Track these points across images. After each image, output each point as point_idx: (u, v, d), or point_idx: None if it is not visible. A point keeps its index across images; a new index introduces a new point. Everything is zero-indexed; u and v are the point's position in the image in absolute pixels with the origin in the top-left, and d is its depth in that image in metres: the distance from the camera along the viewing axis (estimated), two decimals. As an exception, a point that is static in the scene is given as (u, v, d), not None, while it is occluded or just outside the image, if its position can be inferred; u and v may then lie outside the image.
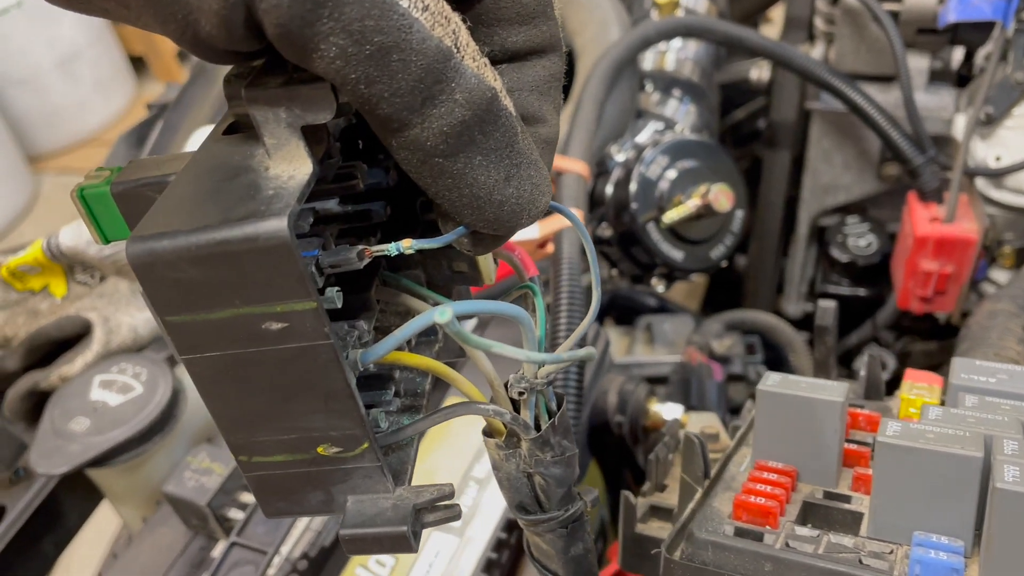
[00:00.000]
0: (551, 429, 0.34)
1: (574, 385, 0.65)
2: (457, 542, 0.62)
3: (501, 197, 0.27)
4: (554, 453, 0.34)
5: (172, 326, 0.26)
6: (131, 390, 0.69)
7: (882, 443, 0.36)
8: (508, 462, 0.35)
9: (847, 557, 0.36)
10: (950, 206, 0.93)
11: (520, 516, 0.36)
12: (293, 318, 0.26)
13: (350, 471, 0.30)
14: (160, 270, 0.25)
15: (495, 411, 0.32)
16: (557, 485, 0.35)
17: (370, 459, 0.29)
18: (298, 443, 0.29)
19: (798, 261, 1.20)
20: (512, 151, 0.27)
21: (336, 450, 0.29)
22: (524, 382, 0.33)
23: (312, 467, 0.29)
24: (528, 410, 0.33)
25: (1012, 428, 0.38)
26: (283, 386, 0.27)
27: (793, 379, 0.42)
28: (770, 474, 0.41)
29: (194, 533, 0.65)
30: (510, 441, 0.34)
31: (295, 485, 0.30)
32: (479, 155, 0.26)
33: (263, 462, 0.30)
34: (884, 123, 0.96)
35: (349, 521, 0.30)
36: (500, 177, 0.27)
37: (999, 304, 0.78)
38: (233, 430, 0.29)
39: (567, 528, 0.37)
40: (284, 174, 0.26)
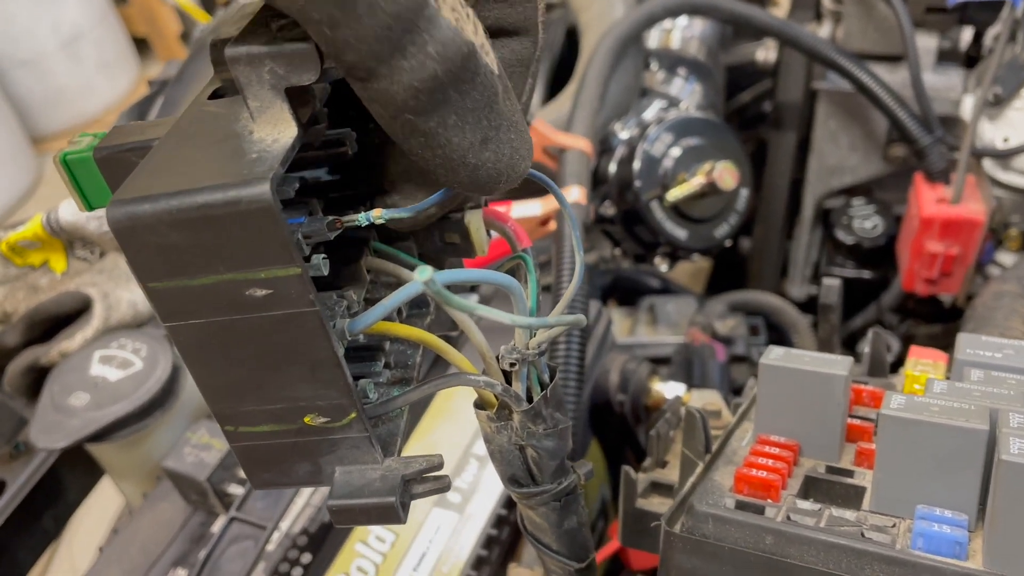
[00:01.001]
0: (543, 401, 0.33)
1: (575, 363, 0.65)
2: (457, 518, 0.61)
3: (476, 160, 0.26)
4: (546, 425, 0.34)
5: (155, 292, 0.26)
6: (131, 365, 0.68)
7: (886, 416, 0.35)
8: (500, 435, 0.34)
9: (849, 531, 0.35)
10: (957, 187, 0.92)
11: (512, 489, 0.36)
12: (277, 284, 0.25)
13: (337, 441, 0.29)
14: (141, 234, 0.24)
15: (486, 382, 0.32)
16: (550, 458, 0.35)
17: (358, 429, 0.29)
18: (284, 413, 0.28)
19: (803, 243, 1.19)
20: (491, 112, 0.26)
21: (323, 420, 0.28)
22: (515, 352, 0.32)
23: (299, 437, 0.29)
24: (520, 382, 0.33)
25: (1018, 402, 0.37)
26: (268, 355, 0.27)
27: (796, 353, 0.42)
28: (772, 448, 0.40)
29: (194, 508, 0.65)
30: (501, 413, 0.34)
31: (282, 456, 0.30)
32: (453, 114, 0.25)
33: (249, 432, 0.29)
34: (891, 103, 0.95)
35: (337, 492, 0.29)
36: (476, 139, 0.26)
37: (1005, 285, 0.77)
38: (219, 399, 0.28)
39: (560, 501, 0.36)
40: (268, 137, 0.25)
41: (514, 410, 0.33)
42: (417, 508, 0.62)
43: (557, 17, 1.10)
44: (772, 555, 0.35)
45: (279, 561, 0.58)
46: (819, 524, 0.36)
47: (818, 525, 0.36)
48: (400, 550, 0.60)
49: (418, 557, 0.59)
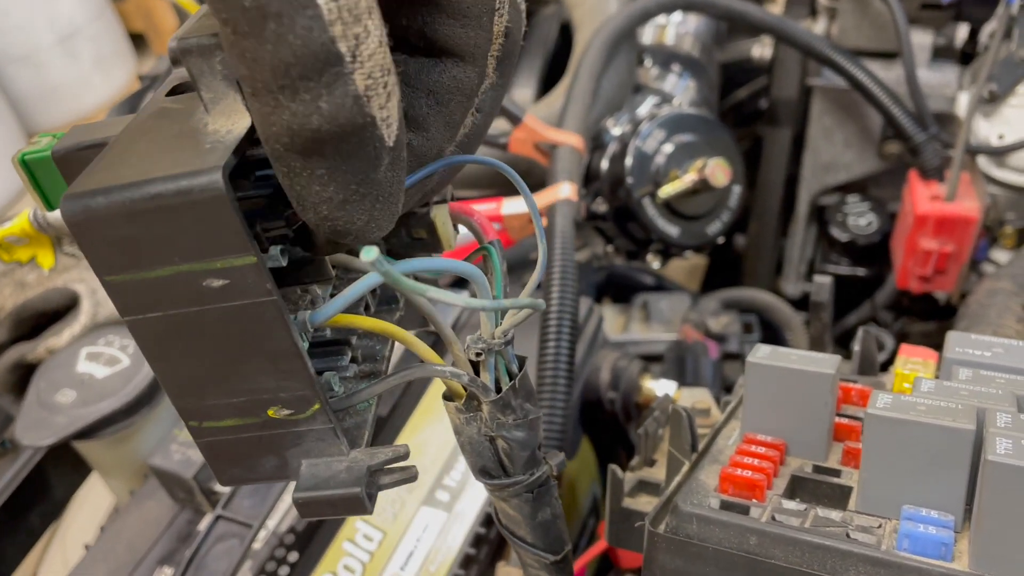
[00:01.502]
0: (511, 392, 0.33)
1: (565, 361, 0.64)
2: (446, 517, 0.61)
3: (328, 213, 0.25)
4: (516, 416, 0.33)
5: (112, 286, 0.25)
6: (118, 362, 0.68)
7: (872, 415, 0.35)
8: (469, 426, 0.34)
9: (834, 531, 0.35)
10: (951, 184, 0.92)
11: (484, 481, 0.36)
12: (234, 274, 0.25)
13: (302, 434, 0.29)
14: (96, 227, 0.24)
15: (452, 372, 0.32)
16: (520, 448, 0.34)
17: (322, 421, 0.29)
18: (248, 406, 0.28)
19: (797, 241, 1.19)
20: (364, 180, 0.25)
21: (287, 412, 0.28)
22: (481, 343, 0.32)
23: (264, 431, 0.29)
24: (488, 372, 0.33)
25: (1006, 401, 0.37)
26: (229, 347, 0.27)
27: (784, 351, 0.42)
28: (758, 447, 0.40)
29: (181, 506, 0.64)
30: (470, 404, 0.34)
31: (248, 450, 0.30)
32: (323, 168, 0.24)
33: (214, 427, 0.29)
34: (886, 100, 0.94)
35: (302, 484, 0.29)
36: (337, 198, 0.25)
37: (999, 283, 0.77)
38: (181, 395, 0.28)
39: (533, 493, 0.36)
40: (222, 128, 0.25)
41: (483, 401, 0.33)
42: (405, 507, 0.62)
43: (551, 12, 1.09)
44: (756, 556, 0.35)
45: (266, 560, 0.58)
46: (804, 524, 0.35)
47: (803, 525, 0.35)
48: (388, 549, 0.59)
49: (406, 556, 0.59)
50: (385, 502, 0.62)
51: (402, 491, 0.63)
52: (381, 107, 0.23)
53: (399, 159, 0.26)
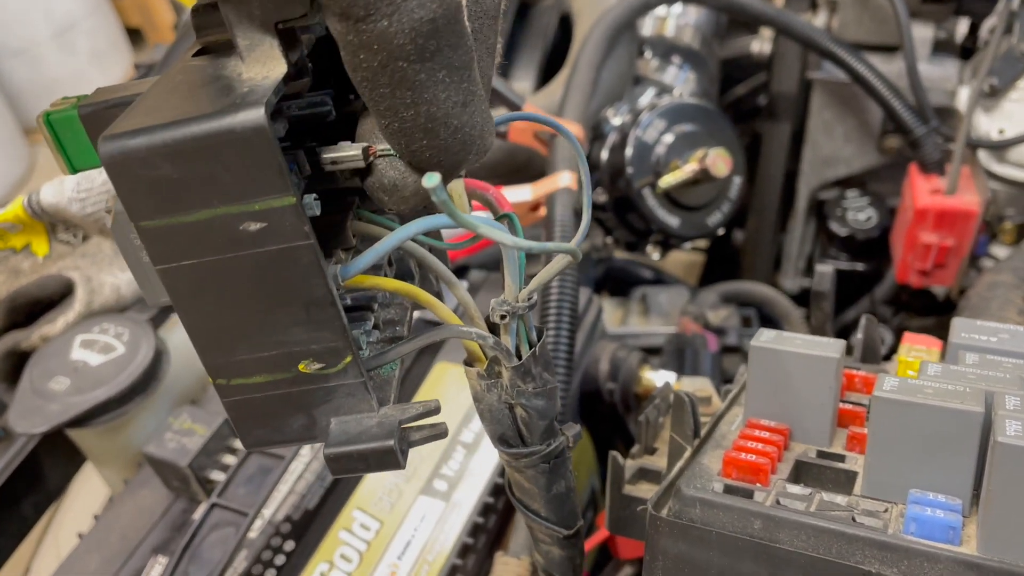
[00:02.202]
0: (532, 359, 0.33)
1: (564, 351, 0.64)
2: (443, 507, 0.60)
3: (457, 122, 0.25)
4: (535, 384, 0.33)
5: (147, 232, 0.25)
6: (113, 350, 0.67)
7: (879, 397, 0.35)
8: (489, 392, 0.34)
9: (839, 515, 0.34)
10: (952, 178, 0.91)
11: (501, 449, 0.36)
12: (272, 216, 0.25)
13: (332, 390, 0.29)
14: (134, 168, 0.24)
15: (477, 335, 0.32)
16: (539, 417, 0.34)
17: (353, 375, 0.28)
18: (278, 360, 0.28)
19: (796, 236, 1.19)
20: (470, 75, 0.25)
21: (318, 366, 0.28)
22: (506, 305, 0.32)
23: (293, 387, 0.29)
24: (509, 337, 0.33)
25: (1014, 384, 0.36)
26: (263, 295, 0.26)
27: (787, 335, 0.41)
28: (762, 432, 0.39)
29: (175, 495, 0.64)
30: (491, 370, 0.34)
31: (276, 409, 0.29)
32: (444, 69, 0.24)
33: (242, 384, 0.28)
34: (886, 93, 0.94)
35: (333, 440, 0.29)
36: (459, 100, 0.25)
37: (1000, 276, 0.77)
38: (211, 349, 0.28)
39: (549, 464, 0.36)
40: (258, 75, 0.25)
41: (504, 367, 0.33)
42: (403, 496, 0.61)
43: (550, 3, 1.08)
44: (761, 540, 0.34)
45: (262, 548, 0.57)
46: (809, 508, 0.35)
47: (808, 510, 0.35)
48: (385, 538, 0.59)
49: (403, 545, 0.58)
50: (382, 491, 0.61)
51: (400, 481, 0.62)
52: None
53: (478, 59, 0.26)
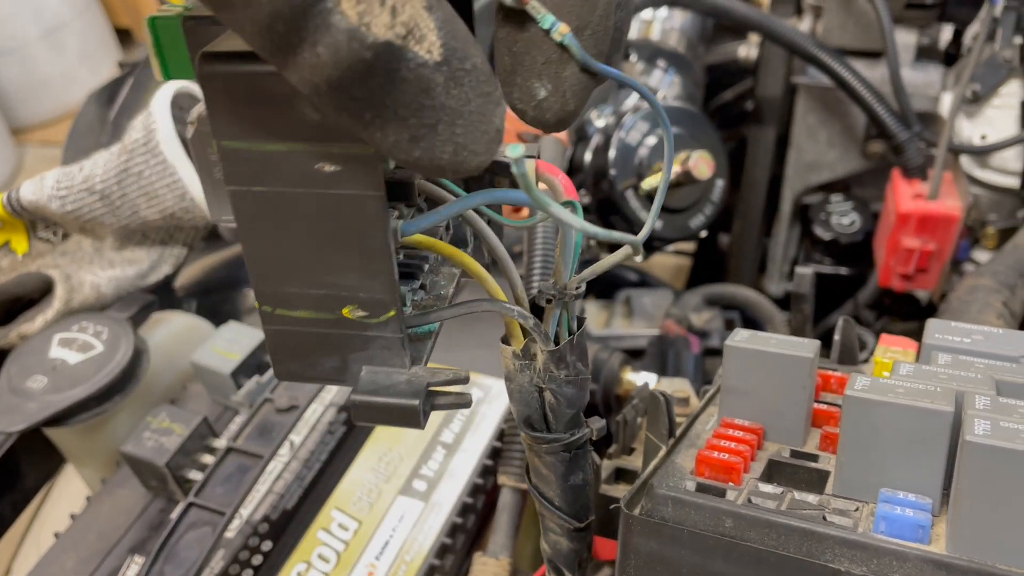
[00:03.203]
0: (569, 346, 0.34)
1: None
2: (422, 507, 0.60)
3: (407, 157, 0.23)
4: (568, 372, 0.34)
5: (227, 152, 0.26)
6: (91, 348, 0.67)
7: (850, 396, 0.35)
8: (522, 373, 0.34)
9: (810, 514, 0.34)
10: (934, 183, 0.92)
11: (526, 431, 0.36)
12: (348, 162, 0.25)
13: (370, 339, 0.29)
14: (229, 89, 0.25)
15: (520, 313, 0.32)
16: (567, 405, 0.35)
17: (393, 329, 0.29)
18: (325, 300, 0.29)
19: (781, 240, 1.19)
20: (422, 109, 0.22)
21: (362, 314, 0.29)
22: (555, 289, 0.33)
23: (334, 329, 0.29)
24: (551, 321, 0.33)
25: (985, 385, 0.36)
26: (324, 235, 0.27)
27: (762, 336, 0.41)
28: (735, 431, 0.39)
29: (153, 495, 0.63)
30: (527, 352, 0.34)
31: (313, 346, 0.30)
32: (368, 112, 0.22)
33: (286, 316, 0.29)
34: (870, 98, 0.95)
35: (361, 388, 0.29)
36: (402, 137, 0.23)
37: (980, 279, 0.77)
38: (264, 277, 0.29)
39: (570, 453, 0.36)
40: None
41: (540, 350, 0.34)
42: (382, 496, 0.61)
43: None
44: (732, 538, 0.34)
45: (239, 548, 0.57)
46: (780, 507, 0.35)
47: (779, 508, 0.35)
48: (363, 538, 0.59)
49: (381, 545, 0.58)
50: (361, 491, 0.61)
51: (379, 481, 0.62)
52: (390, 26, 0.21)
53: (464, 71, 0.22)
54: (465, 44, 0.23)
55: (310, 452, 0.63)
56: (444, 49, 0.22)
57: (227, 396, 0.66)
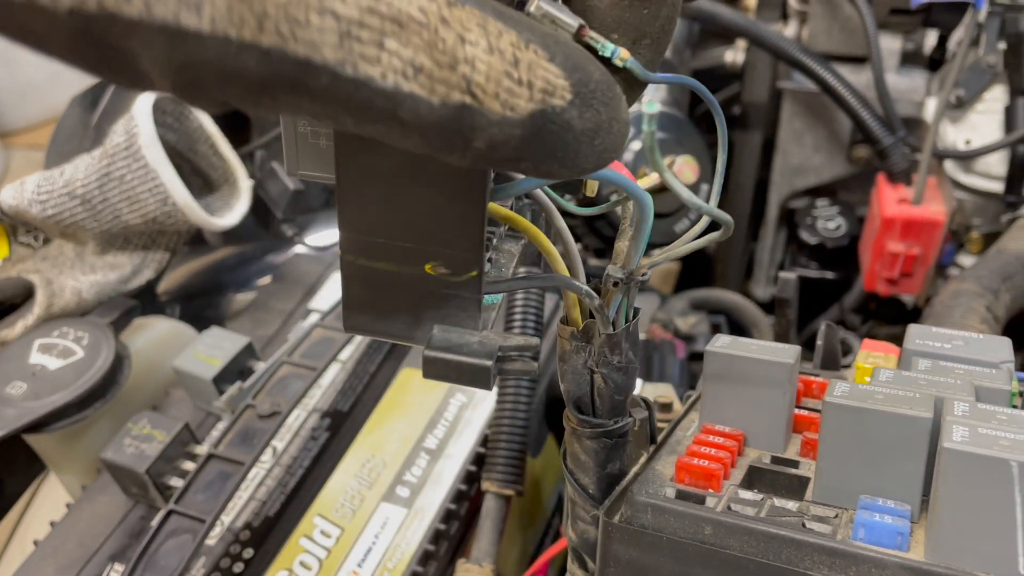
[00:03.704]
0: (625, 332, 0.35)
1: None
2: (405, 513, 0.60)
3: (555, 177, 0.25)
4: (620, 359, 0.35)
5: None
6: (72, 354, 0.66)
7: (829, 403, 0.35)
8: (577, 355, 0.36)
9: (790, 521, 0.34)
10: (918, 188, 0.92)
11: (574, 414, 0.37)
12: None
13: (447, 298, 0.30)
14: None
15: (586, 292, 0.33)
16: (616, 391, 0.36)
17: (472, 290, 0.29)
18: (410, 254, 0.29)
19: (767, 244, 1.19)
20: (566, 145, 0.23)
21: (444, 271, 0.29)
22: (623, 272, 0.34)
23: (414, 284, 0.30)
24: (612, 305, 0.34)
25: (964, 391, 0.36)
26: (422, 188, 0.27)
27: (744, 341, 0.41)
28: (716, 437, 0.39)
29: (134, 502, 0.63)
30: (585, 335, 0.35)
31: (388, 300, 0.30)
32: (524, 163, 0.23)
33: (367, 267, 0.30)
34: (854, 103, 0.95)
35: (435, 344, 0.30)
36: (553, 167, 0.24)
37: (964, 284, 0.77)
38: (352, 222, 0.29)
39: (612, 440, 0.37)
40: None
41: (598, 332, 0.35)
42: (364, 503, 0.60)
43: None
44: (711, 545, 0.34)
45: (220, 556, 0.56)
46: (760, 514, 0.35)
47: (758, 515, 0.35)
48: (345, 545, 0.58)
49: (364, 552, 0.58)
50: (344, 498, 0.61)
51: (362, 487, 0.61)
52: (529, 99, 0.22)
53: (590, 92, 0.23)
54: (583, 66, 0.23)
55: (292, 458, 0.62)
56: (572, 87, 0.23)
57: (209, 402, 0.66)
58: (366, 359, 0.70)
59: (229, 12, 0.18)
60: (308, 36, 0.19)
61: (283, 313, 0.76)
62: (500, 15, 0.21)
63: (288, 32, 0.19)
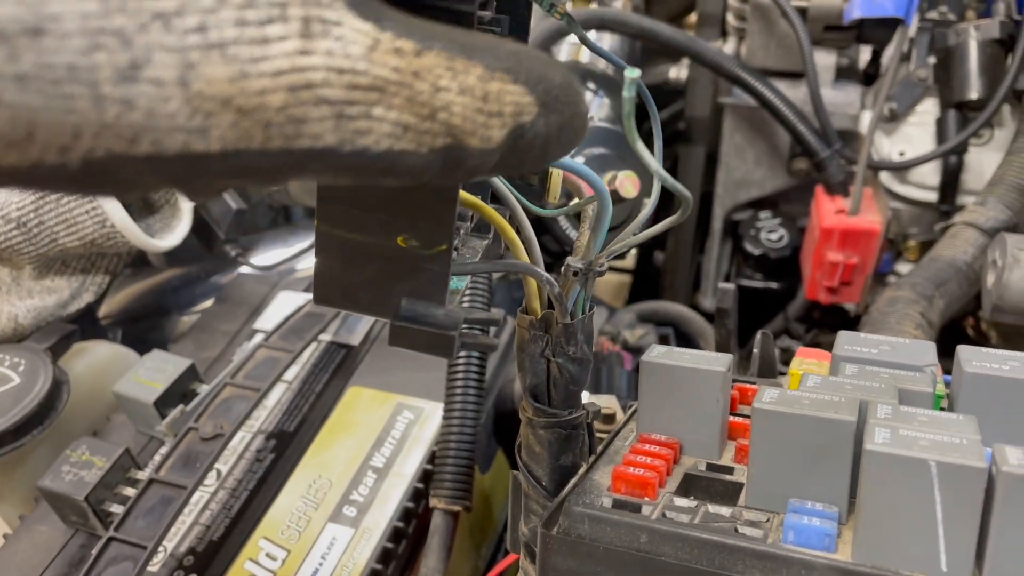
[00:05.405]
0: (580, 323, 0.37)
1: (475, 370, 0.64)
2: (352, 533, 0.59)
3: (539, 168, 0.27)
4: (576, 350, 0.37)
5: None
6: (8, 381, 0.65)
7: (758, 409, 0.35)
8: (535, 343, 0.37)
9: (723, 526, 0.35)
10: (855, 199, 0.95)
11: (531, 402, 0.39)
12: None
13: (417, 271, 0.31)
14: None
15: (547, 279, 0.35)
16: (570, 382, 0.38)
17: (441, 264, 0.30)
18: (384, 225, 0.30)
19: (713, 255, 1.21)
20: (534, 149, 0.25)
21: (415, 243, 0.30)
22: (582, 262, 0.36)
23: (384, 255, 0.30)
24: (571, 295, 0.36)
25: (888, 394, 0.37)
26: None
27: (678, 351, 0.42)
28: (652, 446, 0.40)
29: (74, 530, 0.61)
30: (543, 323, 0.37)
31: (359, 272, 0.31)
32: (502, 171, 0.25)
33: (342, 237, 0.30)
34: (791, 117, 0.97)
35: (402, 314, 0.31)
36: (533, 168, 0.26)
37: (899, 291, 0.80)
38: (331, 194, 0.29)
39: (565, 431, 0.39)
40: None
41: (556, 321, 0.37)
42: (311, 524, 0.60)
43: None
44: (647, 553, 0.35)
45: (163, 583, 0.55)
46: (694, 521, 0.35)
47: (692, 522, 0.35)
48: (292, 567, 0.57)
49: (310, 574, 0.57)
50: (290, 519, 0.60)
51: (308, 508, 0.61)
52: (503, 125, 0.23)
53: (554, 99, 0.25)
54: (545, 75, 0.24)
55: (237, 481, 0.62)
56: (537, 100, 0.23)
57: (151, 426, 0.65)
58: (312, 378, 0.70)
59: (235, 129, 0.19)
60: (310, 130, 0.19)
61: (227, 334, 0.75)
62: (463, 48, 0.22)
63: (293, 132, 0.19)
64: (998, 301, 0.70)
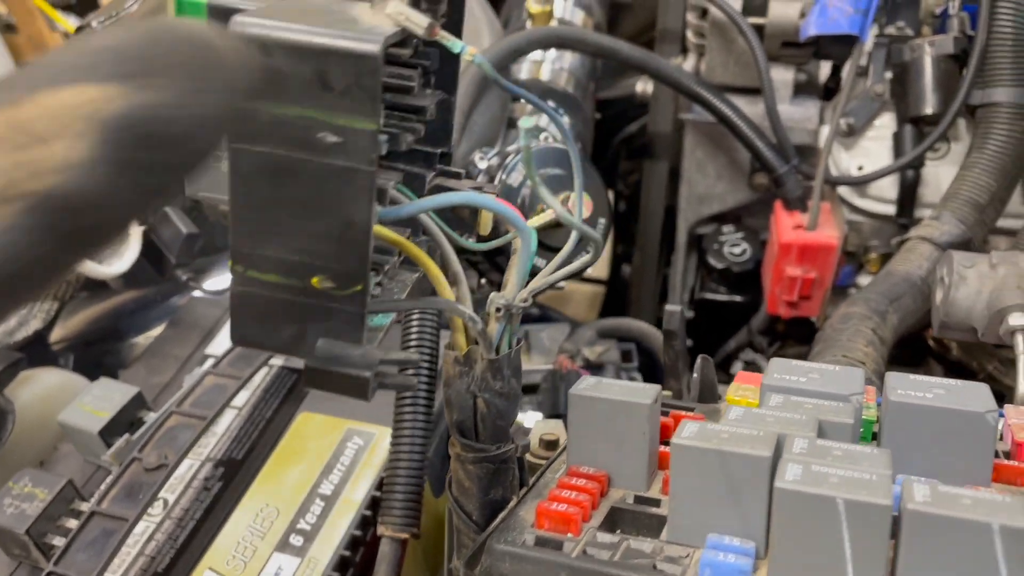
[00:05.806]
0: (507, 359, 0.37)
1: (424, 396, 0.63)
2: (298, 563, 0.59)
3: None
4: (503, 385, 0.37)
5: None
6: (-49, 412, 0.64)
7: (675, 444, 0.35)
8: (460, 379, 0.37)
9: (642, 563, 0.35)
10: (812, 214, 0.95)
11: (457, 438, 0.39)
12: (349, 135, 0.28)
13: (332, 312, 0.31)
14: (251, 49, 0.26)
15: (470, 317, 0.35)
16: (497, 417, 0.38)
17: (357, 304, 0.31)
18: (297, 267, 0.30)
19: (679, 269, 1.21)
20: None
21: (330, 285, 0.30)
22: (504, 300, 0.36)
23: (299, 297, 0.31)
24: (496, 332, 0.36)
25: (807, 427, 0.38)
26: (311, 202, 0.29)
27: (607, 383, 0.42)
28: (579, 480, 0.40)
29: (16, 563, 0.60)
30: (468, 359, 0.37)
31: (275, 313, 0.31)
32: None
33: (256, 278, 0.31)
34: (749, 133, 0.98)
35: (318, 354, 0.31)
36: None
37: (853, 307, 0.80)
38: (244, 235, 0.30)
39: (494, 466, 0.39)
40: (379, 26, 0.29)
41: (481, 357, 0.37)
42: (257, 553, 0.59)
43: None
44: (566, 591, 0.34)
45: (106, 616, 0.55)
46: (614, 557, 0.35)
47: (612, 559, 0.35)
48: (237, 598, 0.57)
49: (255, 605, 0.57)
50: (235, 549, 0.60)
51: (255, 537, 0.60)
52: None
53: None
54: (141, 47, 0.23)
55: (184, 511, 0.61)
56: (120, 83, 0.22)
57: (97, 456, 0.64)
58: (263, 404, 0.69)
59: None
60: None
61: (179, 359, 0.75)
62: None
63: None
64: (945, 318, 0.70)
